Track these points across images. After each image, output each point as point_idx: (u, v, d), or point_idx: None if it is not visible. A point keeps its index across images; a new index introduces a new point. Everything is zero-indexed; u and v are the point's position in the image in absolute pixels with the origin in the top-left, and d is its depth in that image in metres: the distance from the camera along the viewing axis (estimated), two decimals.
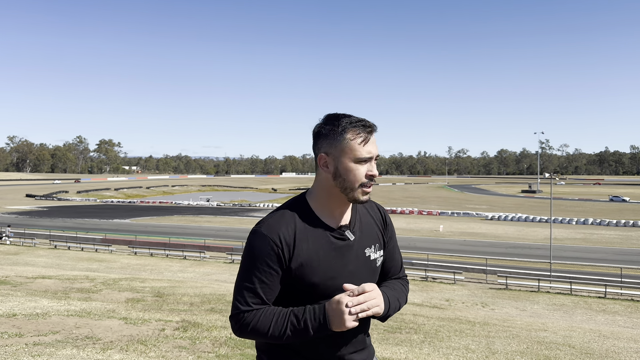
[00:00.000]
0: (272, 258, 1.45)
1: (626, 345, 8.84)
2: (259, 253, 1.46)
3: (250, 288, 1.47)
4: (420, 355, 6.29)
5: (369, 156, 1.49)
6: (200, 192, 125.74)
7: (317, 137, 1.54)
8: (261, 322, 1.44)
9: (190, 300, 11.07)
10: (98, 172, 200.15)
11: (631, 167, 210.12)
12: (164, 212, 69.23)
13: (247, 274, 1.48)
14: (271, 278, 1.47)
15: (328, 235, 1.51)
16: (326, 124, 1.51)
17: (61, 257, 31.49)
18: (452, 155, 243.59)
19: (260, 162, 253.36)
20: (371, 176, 1.50)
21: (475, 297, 20.85)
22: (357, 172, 1.48)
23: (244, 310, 1.46)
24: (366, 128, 1.49)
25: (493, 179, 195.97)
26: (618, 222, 52.30)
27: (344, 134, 1.48)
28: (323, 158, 1.51)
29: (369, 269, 1.58)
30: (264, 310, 1.46)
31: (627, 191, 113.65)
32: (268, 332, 1.43)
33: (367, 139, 1.48)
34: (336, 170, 1.49)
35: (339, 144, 1.48)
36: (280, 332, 1.43)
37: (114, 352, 5.01)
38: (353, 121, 1.49)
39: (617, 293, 22.16)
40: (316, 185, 1.57)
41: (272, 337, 1.44)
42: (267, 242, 1.45)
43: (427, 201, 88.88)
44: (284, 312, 1.45)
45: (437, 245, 36.76)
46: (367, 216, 1.64)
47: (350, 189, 1.49)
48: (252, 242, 1.48)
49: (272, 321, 1.44)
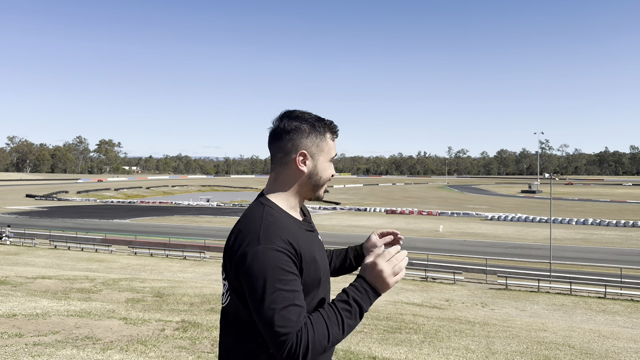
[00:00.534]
0: (289, 264, 1.34)
1: (626, 346, 8.85)
2: (275, 266, 1.31)
3: (287, 306, 1.29)
4: (420, 355, 6.30)
5: (334, 155, 1.57)
6: (200, 192, 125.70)
7: (288, 133, 1.48)
8: (318, 331, 1.29)
9: (190, 300, 11.07)
10: (98, 173, 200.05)
11: (631, 167, 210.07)
12: (164, 212, 69.22)
13: (274, 296, 1.29)
14: (297, 284, 1.35)
15: (304, 229, 1.51)
16: (302, 122, 1.49)
17: (61, 257, 31.48)
18: (452, 156, 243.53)
19: (260, 162, 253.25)
20: (332, 176, 1.58)
21: (475, 297, 20.84)
22: (328, 171, 1.55)
23: (295, 331, 1.27)
24: (336, 131, 1.56)
25: (493, 179, 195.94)
26: (618, 222, 52.29)
27: (326, 134, 1.52)
28: (302, 155, 1.49)
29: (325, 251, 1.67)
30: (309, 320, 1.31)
31: (627, 191, 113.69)
32: (329, 336, 1.30)
33: (334, 139, 1.56)
34: (314, 168, 1.51)
35: (321, 143, 1.51)
36: (340, 326, 1.32)
37: (114, 352, 5.01)
38: (331, 122, 1.54)
39: (616, 293, 22.15)
40: (281, 184, 1.52)
41: (335, 340, 1.32)
42: (277, 251, 1.34)
43: (427, 201, 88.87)
44: (329, 307, 1.35)
45: (437, 246, 36.76)
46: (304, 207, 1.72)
47: (321, 186, 1.55)
48: (262, 262, 1.32)
49: (326, 322, 1.31)
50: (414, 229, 48.52)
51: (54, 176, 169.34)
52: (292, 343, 1.26)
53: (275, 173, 1.53)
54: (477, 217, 61.59)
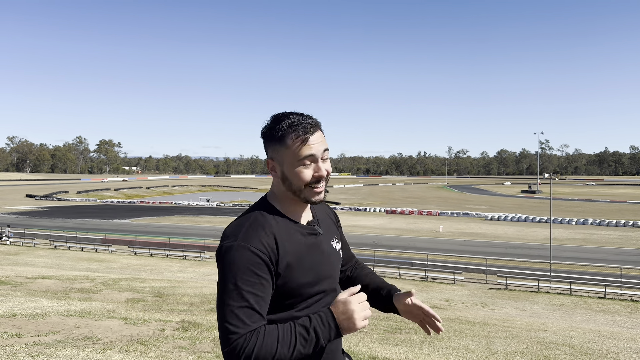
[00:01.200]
0: (261, 267, 1.33)
1: (626, 346, 8.85)
2: (244, 266, 1.32)
3: (243, 307, 1.29)
4: (420, 355, 6.30)
5: (310, 154, 1.42)
6: (200, 193, 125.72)
7: (264, 139, 1.49)
8: (266, 343, 1.27)
9: (190, 300, 11.08)
10: (98, 173, 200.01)
11: (631, 168, 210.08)
12: (164, 212, 69.22)
13: (233, 293, 1.30)
14: (263, 289, 1.33)
15: (302, 232, 1.49)
16: (270, 128, 1.46)
17: (61, 257, 31.49)
18: (451, 156, 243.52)
19: (260, 162, 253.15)
20: (318, 177, 1.44)
21: (475, 297, 20.84)
22: (302, 174, 1.43)
23: (243, 333, 1.26)
24: (306, 129, 1.42)
25: (493, 179, 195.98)
26: (618, 223, 52.30)
27: (284, 138, 1.42)
28: (270, 163, 1.48)
29: (338, 260, 1.62)
30: (263, 329, 1.29)
31: (627, 191, 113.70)
32: (276, 353, 1.27)
33: (305, 140, 1.41)
34: (282, 174, 1.46)
35: (281, 148, 1.44)
36: (290, 349, 1.28)
37: (114, 353, 5.01)
38: (293, 123, 1.42)
39: (616, 293, 22.15)
40: (275, 187, 1.52)
41: (281, 358, 1.28)
42: (250, 252, 1.33)
43: (427, 201, 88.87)
44: (288, 326, 1.32)
45: (436, 246, 36.76)
46: (322, 212, 1.67)
47: (298, 190, 1.45)
48: (232, 257, 1.33)
49: (277, 338, 1.28)
50: (414, 229, 48.53)
51: (54, 176, 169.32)
52: (237, 344, 1.26)
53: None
54: (477, 217, 61.60)
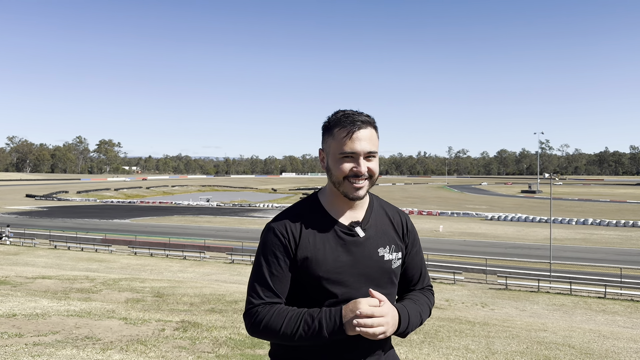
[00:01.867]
0: (279, 248, 1.46)
1: (626, 346, 8.85)
2: (267, 245, 1.48)
3: (261, 281, 1.46)
4: (420, 355, 6.30)
5: (350, 152, 1.43)
6: (200, 192, 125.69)
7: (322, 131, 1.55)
8: (274, 319, 1.40)
9: (190, 300, 11.07)
10: (98, 173, 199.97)
11: (631, 168, 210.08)
12: (164, 212, 69.20)
13: (258, 268, 1.49)
14: (279, 269, 1.46)
15: (336, 230, 1.49)
16: (326, 119, 1.52)
17: (61, 257, 31.48)
18: (452, 156, 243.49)
19: (260, 162, 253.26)
20: (356, 172, 1.44)
21: (475, 297, 20.84)
22: (342, 166, 1.45)
23: (257, 304, 1.44)
24: (354, 123, 1.44)
25: (493, 179, 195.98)
26: (618, 223, 52.28)
27: (332, 129, 1.47)
28: (320, 153, 1.54)
29: (382, 269, 1.51)
30: (278, 307, 1.43)
31: (627, 191, 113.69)
32: (280, 330, 1.39)
33: (350, 133, 1.43)
34: (327, 165, 1.50)
35: (329, 139, 1.48)
36: (292, 331, 1.38)
37: (113, 352, 5.01)
38: (345, 115, 1.46)
39: (616, 293, 22.15)
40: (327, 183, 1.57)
41: (284, 336, 1.39)
42: (274, 233, 1.48)
43: (427, 201, 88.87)
44: (299, 311, 1.42)
45: (436, 246, 36.74)
46: (384, 217, 1.60)
47: (337, 183, 1.47)
48: (263, 237, 1.52)
49: (285, 318, 1.40)
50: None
51: (53, 176, 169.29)
52: (251, 312, 1.44)
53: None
54: (477, 217, 61.58)
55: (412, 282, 1.65)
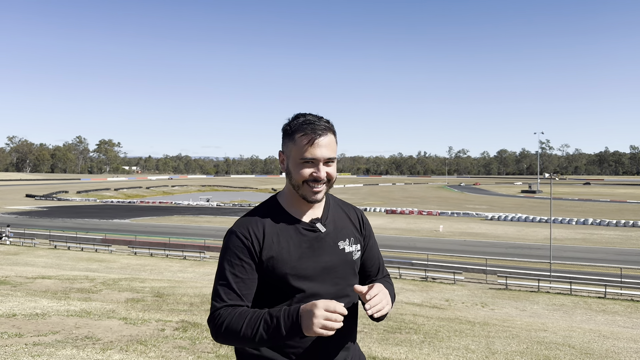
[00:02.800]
0: (243, 251, 1.48)
1: (626, 346, 8.84)
2: (230, 249, 1.49)
3: (224, 285, 1.47)
4: (420, 355, 6.29)
5: (311, 158, 1.48)
6: (200, 192, 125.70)
7: (282, 134, 1.58)
8: (235, 321, 1.41)
9: (190, 300, 11.06)
10: (98, 172, 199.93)
11: (631, 167, 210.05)
12: (164, 212, 69.19)
13: (221, 272, 1.49)
14: (244, 271, 1.48)
15: (298, 228, 1.54)
16: (287, 123, 1.56)
17: (61, 257, 31.47)
18: (452, 156, 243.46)
19: (260, 162, 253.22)
20: (316, 177, 1.49)
21: (475, 297, 20.84)
22: (302, 171, 1.49)
23: (219, 307, 1.45)
24: (315, 131, 1.48)
25: (493, 179, 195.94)
26: (618, 222, 52.29)
27: (294, 134, 1.51)
28: (280, 156, 1.58)
29: (344, 261, 1.58)
30: (240, 309, 1.44)
31: (627, 191, 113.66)
32: (241, 331, 1.39)
33: (312, 141, 1.47)
34: (287, 168, 1.54)
35: (290, 143, 1.52)
36: (253, 331, 1.39)
37: (113, 352, 5.00)
38: (306, 121, 1.50)
39: (617, 293, 22.14)
40: (286, 183, 1.61)
41: (245, 338, 1.40)
42: (237, 236, 1.49)
43: (427, 201, 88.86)
44: (259, 312, 1.44)
45: (437, 246, 36.74)
46: (340, 212, 1.66)
47: (297, 186, 1.52)
48: (225, 241, 1.53)
49: (245, 319, 1.41)
50: (414, 229, 48.51)
51: (53, 176, 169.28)
52: (214, 316, 1.45)
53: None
54: (477, 217, 61.59)
55: (372, 274, 1.73)
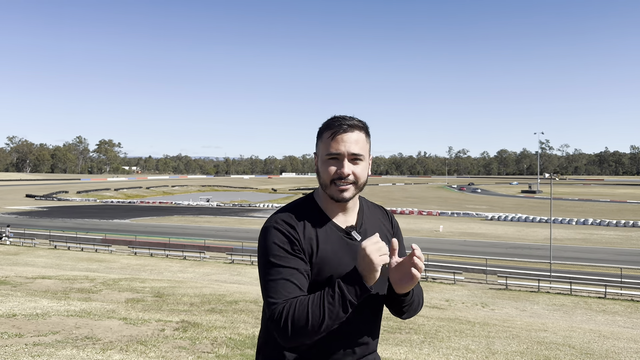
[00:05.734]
0: (286, 244, 1.42)
1: (626, 346, 8.84)
2: (275, 243, 1.42)
3: (278, 279, 1.39)
4: (420, 355, 6.29)
5: (335, 153, 1.45)
6: (200, 193, 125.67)
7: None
8: (298, 310, 1.33)
9: (190, 300, 11.06)
10: (98, 173, 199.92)
11: (631, 168, 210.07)
12: (164, 212, 69.20)
13: (269, 269, 1.41)
14: (295, 262, 1.41)
15: (336, 233, 1.51)
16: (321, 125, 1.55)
17: (61, 257, 31.47)
18: (452, 156, 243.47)
19: (260, 162, 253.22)
20: (339, 174, 1.46)
21: (475, 298, 20.84)
22: (329, 169, 1.47)
23: (281, 302, 1.36)
24: (340, 126, 1.47)
25: (493, 179, 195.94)
26: (618, 223, 52.30)
27: (322, 132, 1.51)
28: (315, 157, 1.56)
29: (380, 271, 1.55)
30: (297, 299, 1.36)
31: (627, 191, 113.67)
32: (308, 318, 1.32)
33: (334, 135, 1.46)
34: (317, 168, 1.53)
35: (319, 141, 1.52)
36: (320, 309, 1.33)
37: (113, 353, 5.00)
38: (335, 117, 1.50)
39: (617, 293, 22.15)
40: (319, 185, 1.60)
41: (315, 324, 1.32)
42: (279, 231, 1.44)
43: (427, 201, 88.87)
44: (317, 293, 1.37)
45: (437, 246, 36.73)
46: (374, 217, 1.64)
47: (324, 186, 1.50)
48: (266, 236, 1.45)
49: (309, 303, 1.34)
50: (414, 229, 48.51)
51: (53, 176, 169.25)
52: (276, 313, 1.35)
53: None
54: (477, 217, 61.59)
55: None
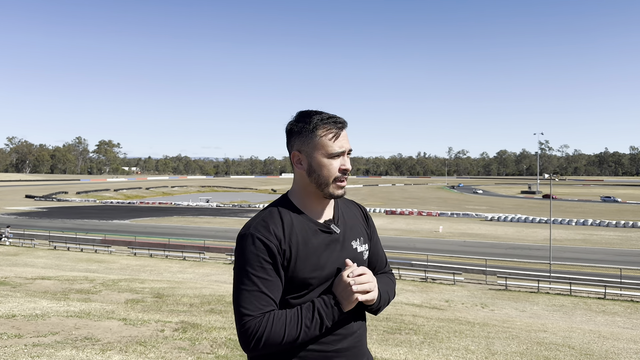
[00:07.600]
0: (269, 254, 1.42)
1: (626, 346, 8.84)
2: (253, 253, 1.42)
3: (254, 290, 1.40)
4: (419, 356, 6.29)
5: (341, 150, 1.51)
6: (199, 193, 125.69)
7: (289, 134, 1.56)
8: (275, 327, 1.36)
9: (189, 301, 11.05)
10: (97, 173, 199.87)
11: (630, 168, 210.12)
12: (164, 212, 69.18)
13: (245, 278, 1.41)
14: (272, 273, 1.43)
15: (315, 229, 1.53)
16: (298, 122, 1.53)
17: (60, 258, 31.45)
18: (451, 156, 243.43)
19: (259, 162, 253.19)
20: (344, 170, 1.52)
21: (474, 298, 20.83)
22: (331, 167, 1.51)
23: (255, 315, 1.38)
24: (337, 124, 1.51)
25: (493, 179, 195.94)
26: (617, 223, 52.32)
27: (315, 131, 1.50)
28: (296, 155, 1.55)
29: (357, 261, 1.58)
30: (273, 314, 1.39)
31: (627, 192, 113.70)
32: (284, 337, 1.37)
33: (337, 135, 1.50)
34: (310, 166, 1.52)
35: (311, 141, 1.51)
36: (297, 330, 1.38)
37: (113, 353, 5.00)
38: (324, 118, 1.51)
39: (616, 294, 22.15)
40: (295, 183, 1.59)
41: (288, 342, 1.38)
42: (256, 238, 1.43)
43: (427, 202, 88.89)
44: (295, 310, 1.42)
45: (436, 246, 36.74)
46: (349, 211, 1.68)
47: (325, 184, 1.52)
48: (244, 245, 1.44)
49: (286, 322, 1.38)
50: (414, 230, 48.51)
51: (53, 177, 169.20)
52: (249, 326, 1.37)
53: (293, 173, 1.61)
54: (476, 217, 61.62)
55: (375, 269, 1.73)
